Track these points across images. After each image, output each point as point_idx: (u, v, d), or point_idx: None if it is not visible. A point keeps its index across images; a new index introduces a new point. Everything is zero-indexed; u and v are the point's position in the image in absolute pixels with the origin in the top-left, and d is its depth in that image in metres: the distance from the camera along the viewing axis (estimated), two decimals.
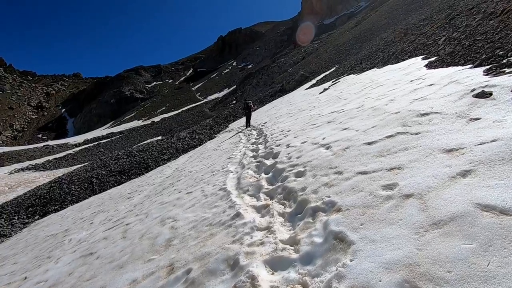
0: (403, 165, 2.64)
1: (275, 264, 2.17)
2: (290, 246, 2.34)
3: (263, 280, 1.97)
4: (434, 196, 1.99)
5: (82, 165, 29.20)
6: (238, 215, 3.22)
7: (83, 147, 51.55)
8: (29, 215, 14.52)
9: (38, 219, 13.88)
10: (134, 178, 15.87)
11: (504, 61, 4.50)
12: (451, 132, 2.91)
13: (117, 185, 15.67)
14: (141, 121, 71.31)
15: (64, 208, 14.66)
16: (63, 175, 22.99)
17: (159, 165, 16.55)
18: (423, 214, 1.87)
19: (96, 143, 52.85)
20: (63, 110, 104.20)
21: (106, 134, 61.95)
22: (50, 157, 43.17)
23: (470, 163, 2.20)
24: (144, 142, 35.32)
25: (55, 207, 14.91)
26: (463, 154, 2.39)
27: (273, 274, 2.10)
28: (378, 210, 2.15)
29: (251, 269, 2.07)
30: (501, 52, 5.01)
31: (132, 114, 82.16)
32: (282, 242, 2.42)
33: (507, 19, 6.55)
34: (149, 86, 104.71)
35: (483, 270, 1.30)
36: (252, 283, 1.94)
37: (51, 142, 65.90)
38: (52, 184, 18.86)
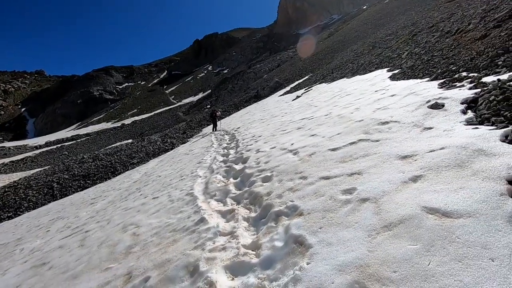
0: (363, 170, 2.76)
1: (236, 269, 2.16)
2: (252, 250, 2.33)
3: (221, 287, 1.94)
4: (387, 200, 2.09)
5: (42, 168, 27.26)
6: (202, 220, 3.16)
7: (44, 149, 48.19)
8: None
9: None
10: (100, 183, 15.09)
11: (456, 75, 4.90)
12: (407, 140, 3.09)
13: (80, 190, 14.80)
14: (110, 123, 68.23)
15: (19, 215, 13.54)
16: (20, 179, 21.30)
17: (128, 170, 15.89)
18: (376, 217, 1.96)
19: (59, 145, 49.63)
20: (23, 109, 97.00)
21: (71, 136, 58.44)
22: (6, 160, 39.83)
23: (421, 169, 2.34)
24: (113, 145, 33.80)
25: (9, 214, 13.74)
26: (415, 160, 2.54)
27: (232, 279, 2.08)
28: (336, 213, 2.22)
29: (210, 275, 2.04)
30: (454, 68, 5.45)
31: (101, 116, 78.40)
32: (244, 247, 2.41)
33: (460, 38, 7.15)
34: (120, 87, 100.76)
35: (424, 269, 1.38)
36: None
37: (8, 144, 60.87)
38: (6, 189, 17.40)
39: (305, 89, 16.07)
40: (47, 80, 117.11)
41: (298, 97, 14.15)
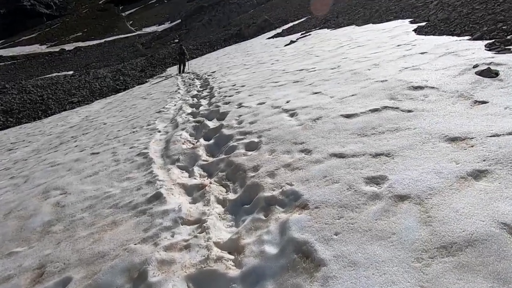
0: (393, 151, 2.32)
1: (204, 283, 1.70)
2: (230, 254, 1.88)
3: None
4: (439, 203, 1.67)
5: None
6: (158, 197, 2.63)
7: None
8: None
9: None
10: (26, 122, 13.83)
11: (509, 37, 4.45)
12: (452, 115, 2.66)
13: (0, 129, 13.52)
14: (45, 46, 62.48)
15: None
16: None
17: (64, 110, 14.67)
18: (425, 229, 1.54)
19: None
20: None
21: None
22: None
23: (484, 160, 1.93)
24: (47, 76, 31.10)
25: None
26: (472, 146, 2.13)
27: None
28: (360, 214, 1.78)
29: None
30: (504, 27, 4.98)
31: (33, 35, 71.23)
32: (218, 247, 1.95)
33: None
34: (60, 0, 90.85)
35: None
36: None
37: None
38: None
39: (302, 33, 15.14)
40: None
41: (292, 42, 13.28)
